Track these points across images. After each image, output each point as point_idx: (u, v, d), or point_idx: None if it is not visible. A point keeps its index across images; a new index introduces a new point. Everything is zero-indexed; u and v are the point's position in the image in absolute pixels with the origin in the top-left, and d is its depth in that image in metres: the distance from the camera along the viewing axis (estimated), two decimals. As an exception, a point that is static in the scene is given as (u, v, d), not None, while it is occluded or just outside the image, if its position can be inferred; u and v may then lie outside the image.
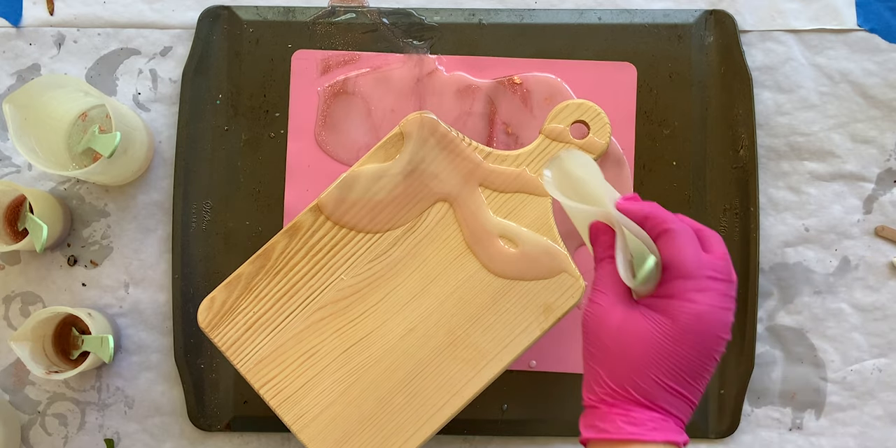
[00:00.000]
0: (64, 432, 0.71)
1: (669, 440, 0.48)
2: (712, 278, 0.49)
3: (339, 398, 0.61)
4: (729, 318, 0.49)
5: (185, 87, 0.72)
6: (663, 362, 0.48)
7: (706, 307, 0.48)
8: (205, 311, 0.63)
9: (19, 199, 0.70)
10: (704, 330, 0.48)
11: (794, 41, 0.72)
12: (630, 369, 0.49)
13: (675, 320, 0.48)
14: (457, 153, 0.63)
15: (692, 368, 0.48)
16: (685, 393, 0.49)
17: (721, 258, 0.50)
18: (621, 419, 0.48)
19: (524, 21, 0.72)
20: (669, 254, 0.49)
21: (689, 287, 0.48)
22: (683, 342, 0.48)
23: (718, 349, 0.49)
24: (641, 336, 0.48)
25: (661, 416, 0.48)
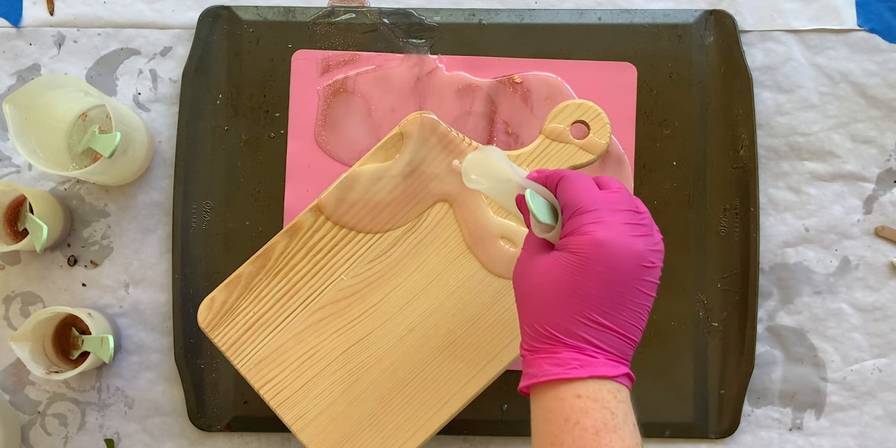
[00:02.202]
0: (64, 432, 0.71)
1: (595, 375, 0.47)
2: (610, 210, 0.49)
3: (339, 398, 0.61)
4: (639, 246, 0.48)
5: (185, 87, 0.72)
6: (575, 296, 0.48)
7: (603, 235, 0.47)
8: (205, 311, 0.63)
9: (19, 199, 0.70)
10: (606, 257, 0.47)
11: (794, 41, 0.72)
12: (546, 309, 0.49)
13: (574, 252, 0.48)
14: (457, 153, 0.63)
15: (608, 298, 0.47)
16: (609, 324, 0.48)
17: (616, 191, 0.50)
18: (546, 362, 0.48)
19: (524, 21, 0.72)
20: (563, 196, 0.50)
21: (584, 221, 0.48)
22: (588, 272, 0.47)
23: (639, 277, 0.48)
24: (550, 275, 0.49)
25: (588, 355, 0.48)
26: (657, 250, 0.49)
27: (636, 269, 0.48)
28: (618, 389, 0.48)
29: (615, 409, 0.47)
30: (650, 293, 0.49)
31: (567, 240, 0.49)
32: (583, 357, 0.48)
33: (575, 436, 0.46)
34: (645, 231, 0.49)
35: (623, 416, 0.47)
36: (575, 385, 0.47)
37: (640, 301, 0.48)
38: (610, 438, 0.46)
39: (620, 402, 0.47)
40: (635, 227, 0.48)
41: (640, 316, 0.49)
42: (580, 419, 0.46)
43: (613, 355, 0.48)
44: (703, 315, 0.70)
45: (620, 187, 0.51)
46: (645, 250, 0.48)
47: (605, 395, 0.47)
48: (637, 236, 0.48)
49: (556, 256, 0.49)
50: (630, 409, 0.48)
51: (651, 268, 0.48)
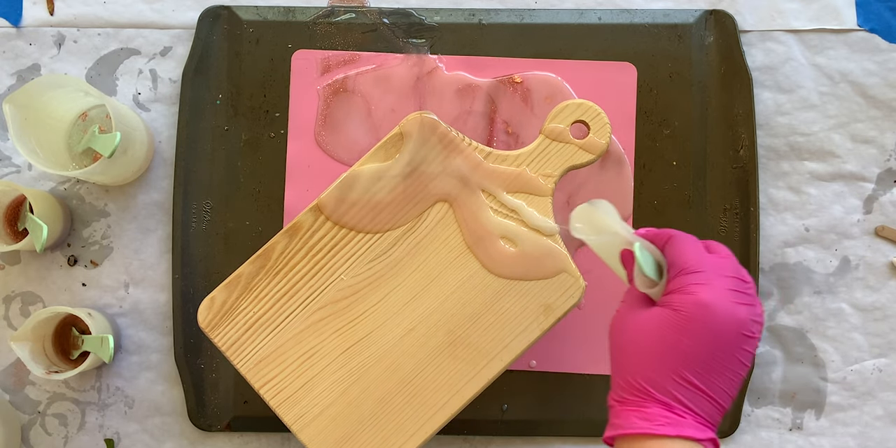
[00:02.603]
0: (64, 432, 0.71)
1: (682, 435, 0.47)
2: (717, 274, 0.49)
3: (339, 398, 0.61)
4: (742, 314, 0.48)
5: (185, 87, 0.72)
6: (672, 353, 0.48)
7: (708, 297, 0.48)
8: (205, 311, 0.63)
9: (19, 199, 0.70)
10: (708, 319, 0.48)
11: (794, 41, 0.72)
12: (641, 363, 0.49)
13: (677, 311, 0.48)
14: (457, 153, 0.63)
15: (704, 360, 0.48)
16: (701, 386, 0.48)
17: (725, 258, 0.51)
18: (635, 415, 0.49)
19: (524, 21, 0.72)
20: (671, 254, 0.51)
21: (689, 280, 0.49)
22: (688, 332, 0.48)
23: (738, 345, 0.48)
24: (649, 330, 0.49)
25: (677, 414, 0.48)
26: (758, 321, 0.49)
27: (735, 336, 0.48)
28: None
29: None
30: (746, 363, 0.49)
31: (670, 297, 0.49)
32: (672, 415, 0.48)
33: None
34: (749, 300, 0.49)
35: None
36: (661, 442, 0.48)
37: (735, 369, 0.49)
38: None
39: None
40: (740, 294, 0.49)
41: (733, 383, 0.49)
42: None
43: (702, 419, 0.49)
44: (703, 315, 0.70)
45: (729, 254, 0.52)
46: (747, 319, 0.48)
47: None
48: (741, 304, 0.49)
49: (658, 312, 0.49)
50: None
51: (751, 338, 0.49)
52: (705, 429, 0.48)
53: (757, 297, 0.51)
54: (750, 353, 0.49)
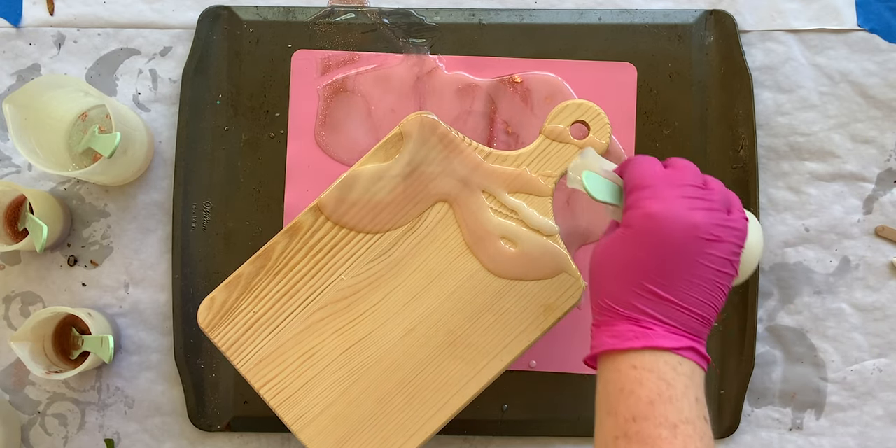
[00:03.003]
0: (64, 432, 0.71)
1: (651, 346, 0.47)
2: (668, 185, 0.49)
3: (339, 398, 0.61)
4: (697, 218, 0.48)
5: (185, 87, 0.72)
6: (629, 268, 0.48)
7: (656, 207, 0.48)
8: (205, 311, 0.63)
9: (19, 199, 0.70)
10: (661, 229, 0.48)
11: (794, 41, 0.72)
12: (606, 283, 0.50)
13: (629, 227, 0.49)
14: (457, 153, 0.63)
15: (664, 270, 0.48)
16: (666, 296, 0.48)
17: (680, 169, 0.51)
18: (606, 334, 0.49)
19: (524, 21, 0.72)
20: (626, 176, 0.52)
21: (641, 195, 0.49)
22: (642, 245, 0.48)
23: (699, 250, 0.48)
24: (609, 251, 0.50)
25: (645, 327, 0.48)
26: (724, 225, 0.48)
27: (693, 241, 0.47)
28: (678, 362, 0.47)
29: (672, 381, 0.47)
30: (718, 268, 0.48)
31: (625, 216, 0.50)
32: (639, 329, 0.48)
33: (629, 405, 0.46)
34: (707, 205, 0.49)
35: (682, 389, 0.47)
36: (630, 356, 0.47)
37: (703, 274, 0.48)
38: (665, 408, 0.46)
39: (680, 374, 0.47)
40: (695, 200, 0.48)
41: (706, 290, 0.48)
42: (635, 389, 0.47)
43: (676, 329, 0.48)
44: (703, 315, 0.70)
45: (687, 165, 0.52)
46: (704, 222, 0.48)
47: (662, 366, 0.47)
48: (695, 209, 0.48)
49: (616, 232, 0.50)
50: (694, 384, 0.47)
51: (714, 241, 0.48)
52: (680, 338, 0.48)
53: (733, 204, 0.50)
54: (718, 257, 0.48)
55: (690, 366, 0.48)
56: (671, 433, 0.45)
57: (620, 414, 0.46)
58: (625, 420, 0.46)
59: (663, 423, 0.45)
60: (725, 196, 0.51)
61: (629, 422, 0.46)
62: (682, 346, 0.48)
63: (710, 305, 0.49)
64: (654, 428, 0.45)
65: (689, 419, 0.46)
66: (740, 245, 0.49)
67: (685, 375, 0.47)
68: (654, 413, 0.46)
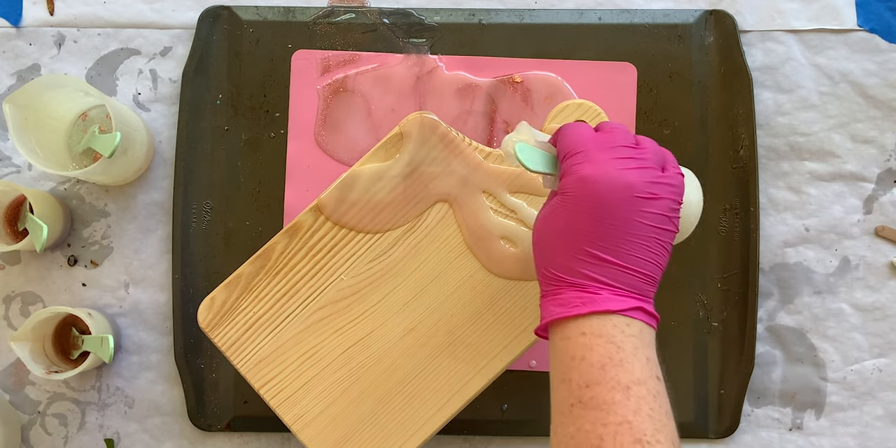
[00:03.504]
0: (64, 432, 0.71)
1: (597, 310, 0.47)
2: (598, 148, 0.49)
3: (339, 398, 0.61)
4: (630, 178, 0.47)
5: (185, 87, 0.72)
6: (569, 234, 0.48)
7: (588, 171, 0.48)
8: (205, 311, 0.63)
9: (19, 199, 0.70)
10: (596, 192, 0.47)
11: (794, 41, 0.72)
12: (547, 252, 0.49)
13: (566, 192, 0.49)
14: (457, 153, 0.63)
15: (603, 233, 0.47)
16: (609, 258, 0.48)
17: (609, 131, 0.51)
18: (552, 303, 0.49)
19: (524, 21, 0.72)
20: (558, 144, 0.51)
21: (574, 161, 0.49)
22: (579, 210, 0.48)
23: (636, 209, 0.47)
24: (547, 219, 0.50)
25: (591, 292, 0.48)
26: (659, 182, 0.48)
27: (629, 200, 0.47)
28: (626, 324, 0.47)
29: (622, 343, 0.46)
30: (658, 225, 0.48)
31: (560, 183, 0.50)
32: (584, 294, 0.48)
33: (582, 371, 0.46)
34: (640, 164, 0.48)
35: (632, 350, 0.46)
36: (578, 322, 0.47)
37: (643, 233, 0.48)
38: (616, 372, 0.46)
39: (629, 336, 0.47)
40: (627, 160, 0.48)
41: (648, 249, 0.48)
42: (585, 355, 0.46)
43: (621, 290, 0.48)
44: (703, 315, 0.70)
45: (617, 127, 0.51)
46: (638, 181, 0.47)
47: (611, 330, 0.47)
48: (628, 169, 0.48)
49: (553, 201, 0.50)
50: (643, 344, 0.47)
51: (651, 199, 0.48)
52: (626, 299, 0.48)
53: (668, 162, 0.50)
54: (656, 214, 0.48)
55: (639, 326, 0.48)
56: (624, 395, 0.45)
57: (573, 381, 0.46)
58: (578, 386, 0.46)
59: (616, 386, 0.45)
60: (659, 154, 0.50)
61: (582, 388, 0.46)
62: (629, 307, 0.47)
63: (653, 264, 0.49)
64: (608, 392, 0.45)
65: (640, 379, 0.46)
66: (678, 201, 0.49)
67: (634, 336, 0.47)
68: (606, 377, 0.46)
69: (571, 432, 0.45)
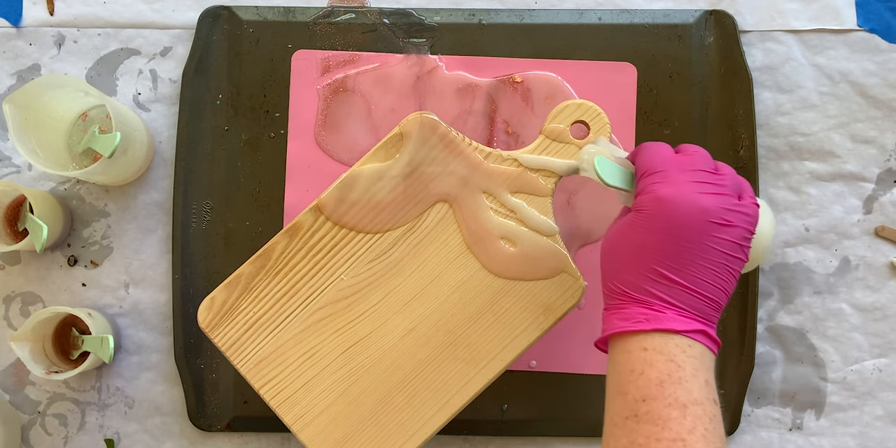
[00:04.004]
0: (64, 432, 0.71)
1: (661, 328, 0.47)
2: (678, 170, 0.50)
3: (339, 398, 0.61)
4: (706, 202, 0.48)
5: (185, 87, 0.72)
6: (640, 252, 0.49)
7: (666, 192, 0.48)
8: (205, 311, 0.63)
9: (19, 199, 0.70)
10: (671, 213, 0.48)
11: (794, 41, 0.72)
12: (617, 267, 0.50)
13: (640, 211, 0.49)
14: (457, 153, 0.63)
15: (674, 254, 0.48)
16: (677, 279, 0.48)
17: (691, 154, 0.51)
18: (616, 317, 0.49)
19: (524, 21, 0.72)
20: (637, 161, 0.52)
21: (650, 180, 0.50)
22: (653, 229, 0.48)
23: (708, 234, 0.48)
24: (619, 235, 0.50)
25: (656, 310, 0.48)
26: (734, 210, 0.49)
27: (703, 225, 0.48)
28: (688, 345, 0.48)
29: (682, 363, 0.47)
30: (729, 252, 0.49)
31: (636, 200, 0.50)
32: (650, 312, 0.48)
33: (639, 385, 0.47)
34: (718, 190, 0.49)
35: (692, 371, 0.47)
36: (641, 338, 0.48)
37: (713, 258, 0.48)
38: (674, 389, 0.46)
39: (690, 357, 0.47)
40: (704, 185, 0.49)
41: (716, 274, 0.49)
42: (645, 370, 0.47)
43: (686, 312, 0.48)
44: (703, 315, 0.70)
45: (697, 150, 0.52)
46: (714, 207, 0.48)
47: (672, 348, 0.47)
48: (705, 193, 0.49)
49: (627, 217, 0.50)
50: (703, 367, 0.47)
51: (725, 226, 0.48)
52: (690, 321, 0.48)
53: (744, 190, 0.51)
54: (729, 241, 0.48)
55: (700, 348, 0.48)
56: (681, 413, 0.45)
57: (630, 394, 0.47)
58: (634, 400, 0.47)
59: (673, 403, 0.46)
60: (736, 182, 0.51)
61: (639, 402, 0.46)
62: (692, 329, 0.48)
63: (719, 289, 0.49)
64: (664, 408, 0.46)
65: (698, 400, 0.46)
66: (751, 230, 0.50)
67: (695, 358, 0.47)
68: (664, 393, 0.46)
69: (624, 444, 0.46)
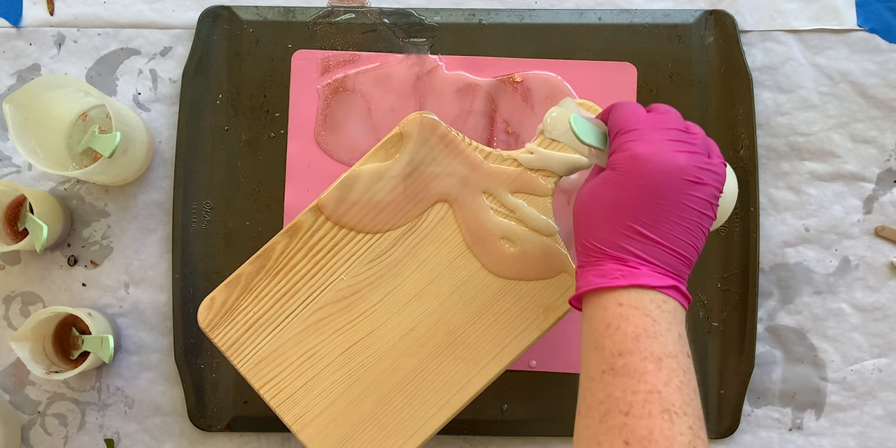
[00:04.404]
0: (64, 432, 0.71)
1: (637, 284, 0.48)
2: (652, 128, 0.50)
3: (339, 398, 0.61)
4: (680, 161, 0.48)
5: (185, 87, 0.72)
6: (616, 209, 0.49)
7: (642, 149, 0.49)
8: (205, 311, 0.63)
9: (19, 199, 0.70)
10: (647, 170, 0.48)
11: (794, 41, 0.72)
12: (592, 224, 0.50)
13: (616, 168, 0.49)
14: (457, 153, 0.63)
15: (649, 211, 0.48)
16: (652, 236, 0.49)
17: (663, 113, 0.52)
18: (591, 273, 0.50)
19: (524, 21, 0.72)
20: (611, 120, 0.52)
21: (624, 139, 0.50)
22: (628, 186, 0.49)
23: (683, 191, 0.48)
24: (595, 193, 0.50)
25: (631, 266, 0.49)
26: (706, 168, 0.49)
27: (677, 182, 0.48)
28: (663, 300, 0.48)
29: (657, 318, 0.48)
30: (700, 210, 0.49)
31: (611, 158, 0.50)
32: (625, 268, 0.49)
33: (615, 340, 0.47)
34: (691, 148, 0.49)
35: (666, 325, 0.48)
36: (616, 294, 0.48)
37: (687, 216, 0.49)
38: (650, 343, 0.47)
39: (665, 312, 0.48)
40: (678, 143, 0.49)
41: (689, 232, 0.49)
42: (621, 325, 0.47)
43: (660, 268, 0.49)
44: (703, 315, 0.70)
45: (669, 110, 0.52)
46: (688, 165, 0.49)
47: (648, 304, 0.48)
48: (680, 152, 0.49)
49: (601, 175, 0.50)
50: (676, 321, 0.48)
51: (698, 183, 0.49)
52: (664, 277, 0.49)
53: (712, 150, 0.51)
54: (701, 199, 0.49)
55: (674, 304, 0.49)
56: (656, 366, 0.46)
57: (607, 348, 0.47)
58: (611, 354, 0.47)
59: (648, 356, 0.46)
60: (706, 141, 0.51)
61: (615, 356, 0.47)
62: (667, 285, 0.49)
63: (692, 246, 0.50)
64: (640, 361, 0.46)
65: (672, 354, 0.47)
66: (720, 189, 0.50)
67: (669, 313, 0.48)
68: (640, 347, 0.47)
69: (601, 398, 0.47)
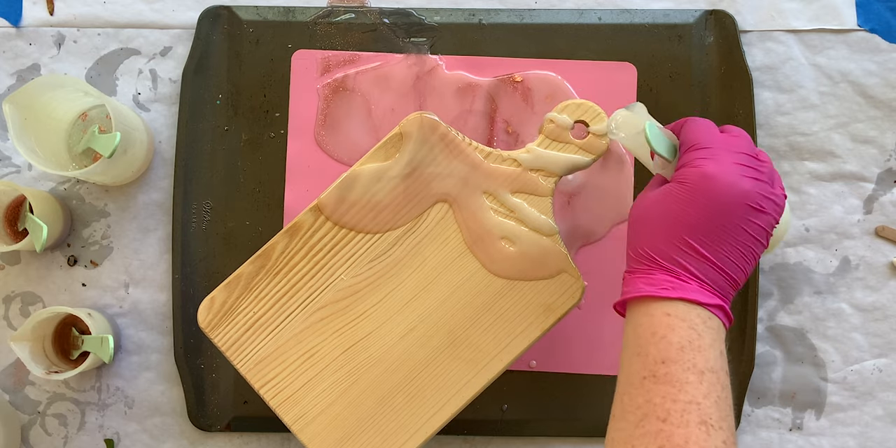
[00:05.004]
0: (64, 432, 0.71)
1: (686, 298, 0.49)
2: (725, 149, 0.51)
3: (339, 398, 0.61)
4: (746, 186, 0.49)
5: (185, 87, 0.72)
6: (677, 223, 0.50)
7: (712, 169, 0.50)
8: (205, 311, 0.63)
9: (19, 199, 0.70)
10: (714, 190, 0.49)
11: (794, 41, 0.72)
12: (649, 233, 0.51)
13: (683, 183, 0.50)
14: (457, 153, 0.63)
15: (708, 229, 0.49)
16: (706, 254, 0.49)
17: (737, 137, 0.53)
18: (642, 281, 0.51)
19: (524, 21, 0.72)
20: (684, 134, 0.53)
21: (696, 155, 0.51)
22: (693, 203, 0.50)
23: (743, 216, 0.49)
24: (657, 203, 0.51)
25: (682, 280, 0.50)
26: (769, 197, 0.50)
27: (740, 207, 0.49)
28: (708, 317, 0.49)
29: (702, 333, 0.48)
30: (756, 236, 0.50)
31: (679, 172, 0.51)
32: (676, 280, 0.50)
33: (660, 348, 0.48)
34: (758, 175, 0.50)
35: (710, 341, 0.48)
36: (665, 304, 0.49)
37: (743, 240, 0.50)
38: (693, 355, 0.48)
39: (709, 328, 0.49)
40: (747, 168, 0.50)
41: (742, 255, 0.50)
42: (666, 334, 0.48)
43: (709, 286, 0.50)
44: (703, 315, 0.70)
45: (742, 134, 0.53)
46: (753, 191, 0.49)
47: (694, 318, 0.49)
48: (747, 177, 0.50)
49: (667, 187, 0.51)
50: (719, 339, 0.49)
51: (758, 211, 0.50)
52: (712, 295, 0.50)
53: (776, 180, 0.52)
54: (759, 226, 0.50)
55: (717, 322, 0.50)
56: (697, 378, 0.47)
57: (650, 355, 0.48)
58: (654, 361, 0.48)
59: (691, 368, 0.47)
60: (772, 170, 0.52)
61: (658, 363, 0.48)
62: (713, 303, 0.49)
63: (741, 270, 0.51)
64: (682, 372, 0.47)
65: (713, 369, 0.48)
66: (777, 219, 0.51)
67: (713, 329, 0.49)
68: (683, 358, 0.47)
69: (639, 403, 0.47)
